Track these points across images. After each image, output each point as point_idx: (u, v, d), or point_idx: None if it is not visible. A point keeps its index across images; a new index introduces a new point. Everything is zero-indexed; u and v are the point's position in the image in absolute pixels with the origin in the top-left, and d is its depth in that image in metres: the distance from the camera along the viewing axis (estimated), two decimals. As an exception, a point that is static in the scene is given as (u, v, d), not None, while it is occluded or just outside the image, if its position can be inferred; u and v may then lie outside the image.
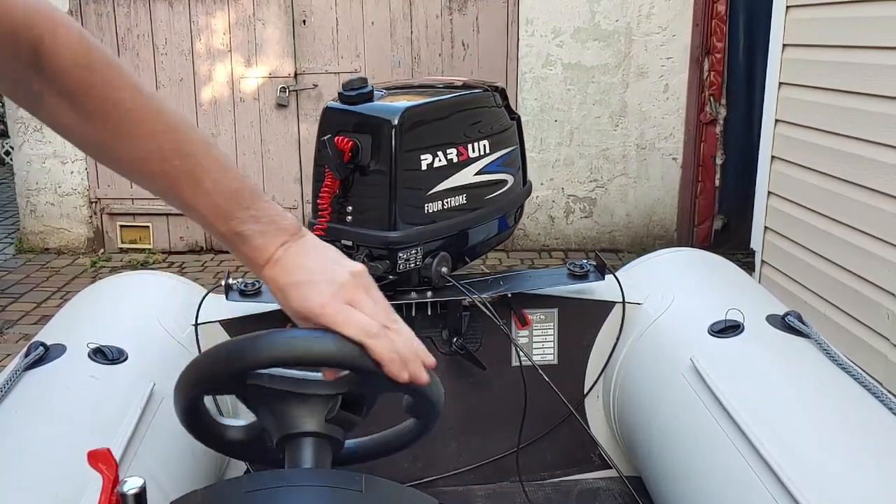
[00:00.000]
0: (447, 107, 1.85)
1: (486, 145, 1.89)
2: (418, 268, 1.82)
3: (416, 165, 1.76)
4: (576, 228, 6.01)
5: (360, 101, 1.78)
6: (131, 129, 0.84)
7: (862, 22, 3.53)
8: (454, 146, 1.82)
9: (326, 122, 1.80)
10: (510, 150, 1.97)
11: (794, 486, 1.27)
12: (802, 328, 1.70)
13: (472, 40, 5.71)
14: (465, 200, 1.86)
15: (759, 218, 4.48)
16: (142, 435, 1.47)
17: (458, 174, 1.83)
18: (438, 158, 1.79)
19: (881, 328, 3.33)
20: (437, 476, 2.08)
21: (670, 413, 1.71)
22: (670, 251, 2.29)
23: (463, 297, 1.91)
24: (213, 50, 5.74)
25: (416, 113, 1.76)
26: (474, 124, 1.88)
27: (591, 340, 2.06)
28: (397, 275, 1.79)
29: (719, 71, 5.67)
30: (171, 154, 0.84)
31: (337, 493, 0.81)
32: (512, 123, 2.00)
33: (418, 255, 1.81)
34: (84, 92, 0.82)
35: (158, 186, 0.88)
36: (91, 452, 0.80)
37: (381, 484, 0.84)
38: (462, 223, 1.88)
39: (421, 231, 1.79)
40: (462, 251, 1.94)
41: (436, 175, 1.79)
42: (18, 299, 5.08)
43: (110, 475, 0.80)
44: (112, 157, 0.88)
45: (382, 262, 1.77)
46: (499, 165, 1.93)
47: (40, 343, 1.62)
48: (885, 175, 3.32)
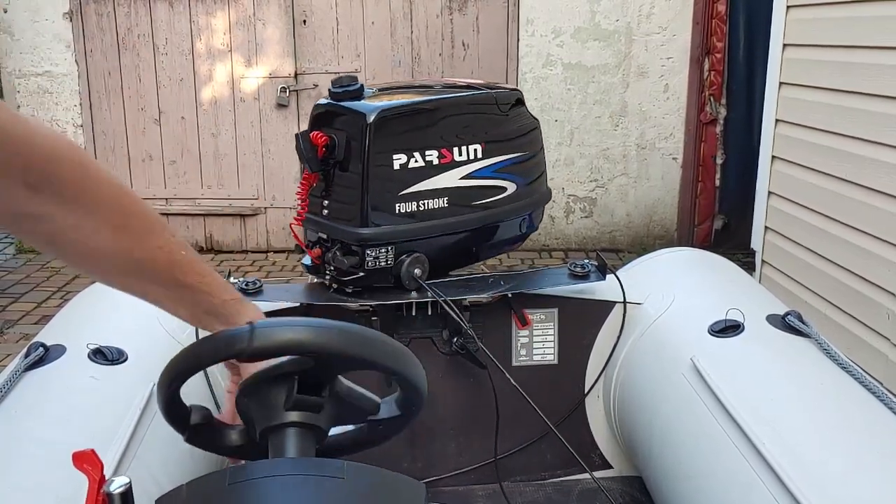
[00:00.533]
0: (433, 109, 1.83)
1: (478, 150, 1.86)
2: (389, 267, 1.82)
3: (388, 164, 1.76)
4: (576, 228, 6.01)
5: (346, 98, 1.80)
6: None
7: (862, 22, 3.53)
8: (435, 149, 1.81)
9: (313, 118, 1.85)
10: (512, 156, 1.92)
11: (795, 486, 1.26)
12: (803, 328, 1.70)
13: (473, 40, 5.71)
14: (447, 204, 1.84)
15: (760, 218, 4.48)
16: (141, 435, 1.47)
17: (438, 177, 1.82)
18: (414, 159, 1.79)
19: (881, 328, 3.33)
20: (437, 476, 2.08)
21: (671, 413, 1.71)
22: (670, 251, 2.29)
23: (463, 297, 1.91)
24: (213, 50, 5.74)
25: (392, 113, 1.77)
26: (466, 128, 1.85)
27: (591, 340, 2.06)
28: (366, 272, 1.80)
29: (719, 71, 5.66)
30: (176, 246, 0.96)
31: (319, 481, 0.82)
32: (522, 129, 1.95)
33: (389, 255, 1.81)
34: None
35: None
36: (76, 454, 0.81)
37: (363, 470, 0.84)
38: (445, 227, 1.85)
39: (390, 230, 1.79)
40: (451, 255, 1.92)
41: (410, 176, 1.79)
42: (19, 299, 5.08)
43: (95, 475, 0.80)
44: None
45: (351, 258, 1.79)
46: (494, 172, 1.89)
47: (40, 343, 1.62)
48: (886, 175, 3.32)
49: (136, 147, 5.86)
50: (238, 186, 5.92)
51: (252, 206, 5.93)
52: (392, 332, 1.91)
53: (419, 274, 1.84)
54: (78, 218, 0.86)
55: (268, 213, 5.93)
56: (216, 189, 5.92)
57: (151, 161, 5.88)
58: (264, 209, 5.93)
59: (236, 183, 5.91)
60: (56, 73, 5.77)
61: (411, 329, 1.98)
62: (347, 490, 0.82)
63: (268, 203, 5.91)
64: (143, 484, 1.37)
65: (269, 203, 5.91)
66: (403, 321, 1.97)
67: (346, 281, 1.81)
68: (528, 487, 2.05)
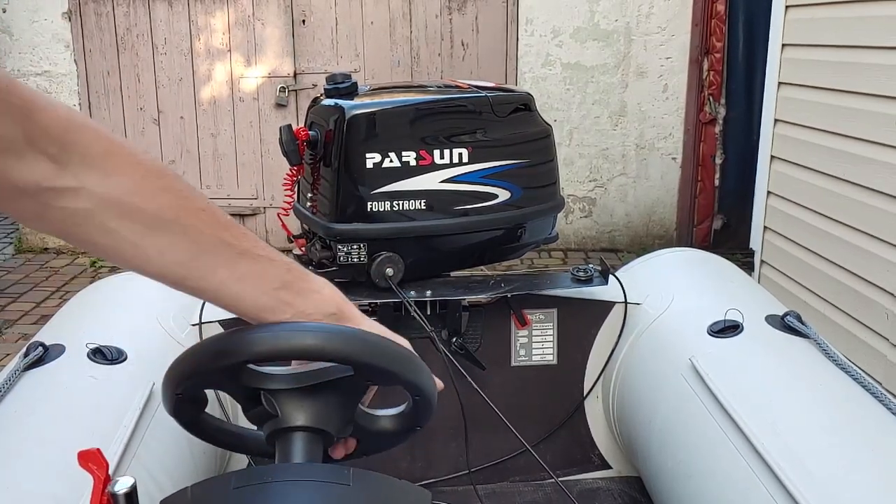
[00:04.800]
0: (414, 110, 1.82)
1: (463, 154, 1.82)
2: (363, 264, 1.83)
3: (361, 162, 1.77)
4: (575, 228, 6.01)
5: (337, 95, 1.83)
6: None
7: (862, 22, 3.53)
8: (413, 150, 1.80)
9: (307, 112, 1.91)
10: (507, 163, 1.87)
11: (794, 486, 1.27)
12: (802, 328, 1.70)
13: (472, 40, 5.71)
14: (425, 206, 1.82)
15: (759, 218, 4.48)
16: (141, 435, 1.47)
17: (415, 178, 1.81)
18: (389, 159, 1.79)
19: (881, 328, 3.33)
20: (436, 476, 2.08)
21: (670, 413, 1.71)
22: (670, 251, 2.29)
23: (463, 297, 1.90)
24: (212, 49, 5.73)
25: (367, 112, 1.79)
26: (450, 131, 1.83)
27: (590, 340, 2.06)
28: (338, 266, 1.82)
29: (719, 71, 5.67)
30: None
31: (325, 487, 0.82)
32: (524, 136, 1.91)
33: (362, 252, 1.82)
34: None
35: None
36: (81, 452, 0.80)
37: (369, 477, 0.84)
38: (423, 229, 1.84)
39: (363, 228, 1.80)
40: (432, 259, 1.91)
41: (384, 175, 1.79)
42: (18, 299, 5.08)
43: (101, 475, 0.80)
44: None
45: (326, 251, 1.84)
46: (481, 178, 1.85)
47: (39, 343, 1.62)
48: (885, 175, 3.32)
49: (135, 147, 5.86)
50: (237, 186, 5.92)
51: (251, 206, 5.93)
52: None
53: (390, 274, 1.82)
54: (109, 186, 0.76)
55: (267, 213, 5.93)
56: (215, 189, 5.92)
57: (151, 161, 5.88)
58: (263, 209, 5.93)
59: (235, 183, 5.91)
60: (55, 73, 5.76)
61: (411, 329, 1.98)
62: (352, 497, 0.82)
63: (267, 203, 5.91)
64: (143, 484, 1.36)
65: (268, 203, 5.91)
66: (403, 321, 1.97)
67: (322, 273, 1.82)
68: (527, 487, 2.05)
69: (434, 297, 1.89)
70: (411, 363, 0.91)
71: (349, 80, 1.84)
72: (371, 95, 1.90)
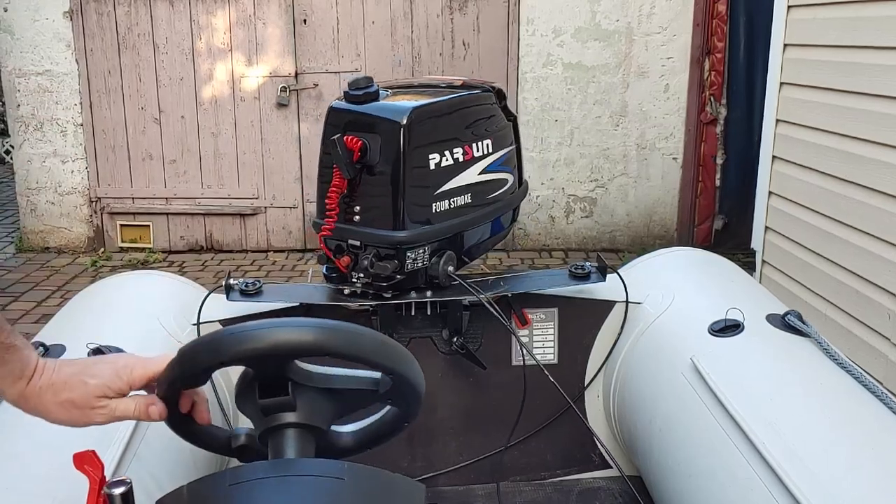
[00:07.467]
0: (451, 106, 1.85)
1: (489, 144, 1.89)
2: (425, 267, 1.83)
3: (424, 164, 1.76)
4: (576, 228, 6.01)
5: (367, 100, 1.78)
6: None
7: (863, 22, 3.53)
8: (460, 145, 1.83)
9: (332, 122, 1.80)
10: (509, 149, 1.97)
11: (794, 485, 1.26)
12: (802, 328, 1.70)
13: (473, 40, 5.71)
14: (470, 199, 1.86)
15: (760, 218, 4.48)
16: (141, 435, 1.47)
17: (463, 173, 1.84)
18: (445, 157, 1.80)
19: (882, 328, 3.33)
20: (436, 474, 2.08)
21: (670, 412, 1.71)
22: (670, 251, 2.29)
23: (463, 297, 1.90)
24: (213, 49, 5.74)
25: (424, 112, 1.77)
26: (477, 123, 1.88)
27: (591, 340, 2.06)
28: (405, 275, 1.79)
29: (720, 71, 5.66)
30: None
31: (319, 481, 0.82)
32: (509, 124, 2.00)
33: (425, 255, 1.82)
34: None
35: None
36: (77, 455, 0.81)
37: (363, 471, 0.84)
38: (466, 222, 1.88)
39: (428, 230, 1.80)
40: (463, 250, 1.94)
41: (443, 174, 1.80)
42: (18, 298, 5.08)
43: (96, 476, 0.80)
44: None
45: (391, 262, 1.77)
46: (500, 165, 1.93)
47: (40, 343, 1.62)
48: (886, 175, 3.32)
49: (136, 146, 5.86)
50: (238, 186, 5.92)
51: (252, 206, 5.93)
52: (392, 332, 1.91)
53: (452, 270, 1.86)
54: None
55: (268, 213, 5.93)
56: (216, 188, 5.92)
57: (151, 160, 5.88)
58: (264, 209, 5.93)
59: (236, 182, 5.91)
60: (56, 72, 5.77)
61: (411, 329, 1.99)
62: (347, 491, 0.82)
63: (268, 202, 5.91)
64: (143, 484, 1.37)
65: (269, 202, 5.91)
66: (403, 321, 1.97)
67: (384, 286, 1.81)
68: (527, 487, 2.05)
69: (435, 297, 1.90)
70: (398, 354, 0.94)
71: (372, 84, 1.79)
72: (399, 97, 1.86)
